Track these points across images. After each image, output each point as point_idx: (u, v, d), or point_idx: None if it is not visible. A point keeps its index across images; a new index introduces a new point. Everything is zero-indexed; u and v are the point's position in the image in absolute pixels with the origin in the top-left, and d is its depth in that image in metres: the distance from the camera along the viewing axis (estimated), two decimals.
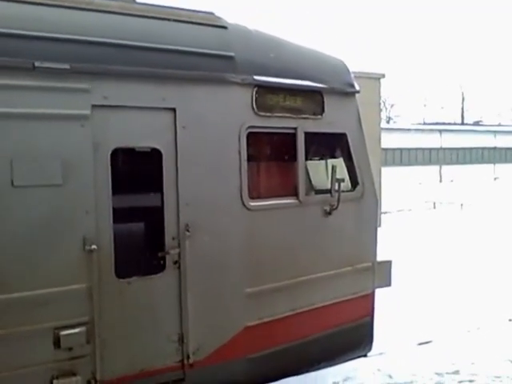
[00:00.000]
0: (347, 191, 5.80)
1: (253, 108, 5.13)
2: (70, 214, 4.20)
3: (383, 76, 25.17)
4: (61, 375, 4.16)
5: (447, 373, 5.64)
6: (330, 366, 5.56)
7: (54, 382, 4.12)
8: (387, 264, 6.35)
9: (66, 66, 4.16)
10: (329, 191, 5.60)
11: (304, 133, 5.48)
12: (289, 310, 5.35)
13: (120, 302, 4.43)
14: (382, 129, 25.03)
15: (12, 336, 3.97)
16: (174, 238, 4.70)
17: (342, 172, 5.83)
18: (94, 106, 4.29)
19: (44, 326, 4.08)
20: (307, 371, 5.36)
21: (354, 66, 6.36)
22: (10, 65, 3.97)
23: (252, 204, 5.10)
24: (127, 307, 4.47)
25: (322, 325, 5.58)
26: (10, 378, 3.98)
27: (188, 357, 4.73)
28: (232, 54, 5.00)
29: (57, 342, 4.12)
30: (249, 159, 5.12)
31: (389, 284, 6.39)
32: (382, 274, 6.22)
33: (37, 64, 4.05)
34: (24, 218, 4.04)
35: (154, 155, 4.63)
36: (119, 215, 4.48)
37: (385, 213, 20.15)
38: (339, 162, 5.89)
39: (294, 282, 5.37)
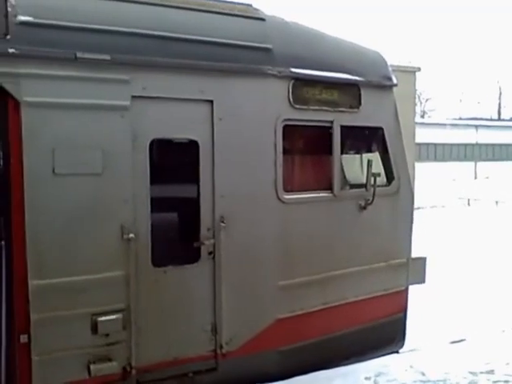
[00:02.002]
0: (383, 186, 5.75)
1: (289, 101, 5.12)
2: (108, 203, 4.28)
3: (419, 69, 24.75)
4: (97, 360, 4.26)
5: (481, 372, 5.54)
6: (362, 361, 5.54)
7: (91, 366, 4.22)
8: (421, 260, 6.28)
9: (107, 57, 4.22)
10: (364, 186, 5.56)
11: (340, 126, 5.44)
12: (321, 303, 5.34)
13: (156, 291, 4.51)
14: (417, 123, 24.63)
15: (52, 320, 4.08)
16: (209, 229, 4.74)
17: (378, 166, 5.77)
18: (133, 97, 4.35)
19: (82, 312, 4.19)
20: (338, 365, 5.35)
21: (389, 59, 6.27)
22: (53, 55, 4.05)
23: (286, 197, 5.10)
24: (163, 296, 4.54)
25: (355, 320, 5.55)
26: (49, 361, 4.10)
27: (221, 347, 4.78)
28: (269, 46, 4.99)
29: (94, 328, 4.22)
30: (284, 152, 5.12)
31: (423, 281, 6.32)
32: (416, 270, 6.16)
33: (79, 55, 4.13)
34: (64, 206, 4.14)
35: (191, 147, 4.68)
36: (156, 205, 4.54)
37: (418, 209, 19.82)
38: (375, 157, 5.83)
39: (326, 276, 5.36)
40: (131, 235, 4.32)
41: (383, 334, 5.83)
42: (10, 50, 3.90)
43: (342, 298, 5.46)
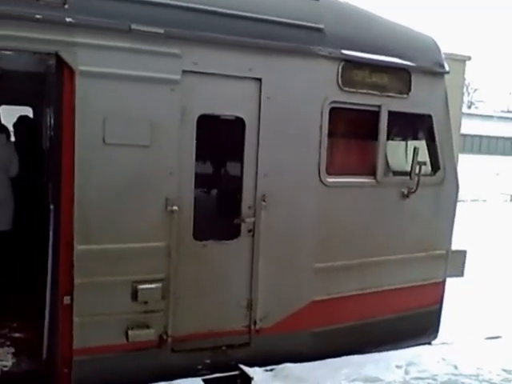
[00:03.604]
0: (427, 175, 5.66)
1: (338, 83, 5.06)
2: (154, 175, 4.35)
3: (469, 58, 23.97)
4: (135, 326, 4.38)
5: None
6: (394, 349, 5.50)
7: (129, 332, 4.35)
8: (461, 253, 6.18)
9: (161, 31, 4.25)
10: (408, 173, 5.48)
11: (388, 111, 5.35)
12: (357, 289, 5.34)
13: (195, 263, 4.59)
14: (463, 114, 23.96)
15: (94, 284, 4.21)
16: (250, 207, 4.78)
17: (424, 155, 5.67)
18: (184, 72, 4.37)
19: (124, 279, 4.30)
20: (370, 351, 5.34)
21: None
22: (108, 26, 4.10)
23: (329, 180, 5.08)
24: (201, 269, 4.62)
25: (390, 307, 5.53)
26: (89, 324, 4.24)
27: (255, 323, 4.85)
28: (321, 26, 4.92)
29: (134, 295, 4.33)
30: (329, 134, 5.07)
31: (461, 274, 6.23)
32: (455, 263, 6.07)
33: (133, 26, 4.16)
34: (112, 175, 4.23)
35: (237, 124, 4.69)
36: (200, 180, 4.60)
37: (458, 201, 19.39)
38: (422, 145, 5.72)
39: (364, 262, 5.34)
40: (175, 207, 4.39)
41: (417, 324, 5.79)
42: (68, 19, 3.96)
43: (378, 284, 5.44)
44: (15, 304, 5.85)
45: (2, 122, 7.31)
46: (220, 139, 4.94)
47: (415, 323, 5.77)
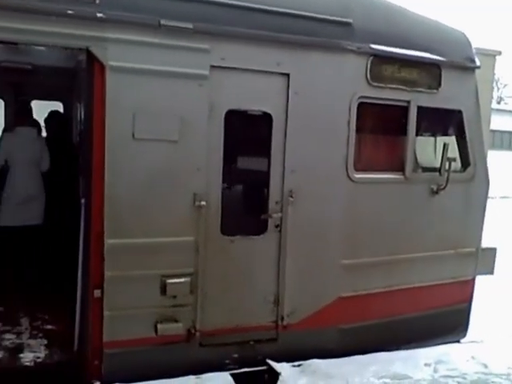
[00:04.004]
0: (457, 171, 5.58)
1: (366, 78, 5.01)
2: (183, 170, 4.37)
3: (499, 53, 23.50)
4: (164, 320, 4.42)
5: None
6: (422, 346, 5.45)
7: (158, 325, 4.39)
8: (492, 251, 6.08)
9: (190, 26, 4.26)
10: (437, 170, 5.41)
11: (417, 107, 5.28)
12: (384, 286, 5.29)
13: (223, 258, 4.61)
14: (492, 109, 23.56)
15: (124, 278, 4.26)
16: (277, 203, 4.78)
17: (454, 151, 5.59)
18: (212, 67, 4.38)
19: (153, 273, 4.34)
20: (398, 348, 5.30)
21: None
22: (138, 21, 4.12)
23: (356, 176, 5.04)
24: (229, 264, 4.64)
25: (418, 305, 5.48)
26: (119, 317, 4.29)
27: (282, 318, 4.85)
28: (350, 20, 4.88)
29: (163, 289, 4.37)
30: (357, 130, 5.03)
31: (491, 272, 6.13)
32: (485, 261, 5.98)
33: (163, 22, 4.18)
34: (141, 170, 4.26)
35: (265, 119, 4.69)
36: (228, 175, 4.62)
37: (488, 198, 18.99)
38: (451, 141, 5.64)
39: (392, 259, 5.29)
40: (203, 203, 4.41)
41: (446, 322, 5.72)
42: (99, 15, 4.00)
43: (406, 282, 5.39)
44: (47, 296, 5.97)
45: (34, 116, 7.44)
46: (247, 134, 4.95)
47: (444, 321, 5.70)
